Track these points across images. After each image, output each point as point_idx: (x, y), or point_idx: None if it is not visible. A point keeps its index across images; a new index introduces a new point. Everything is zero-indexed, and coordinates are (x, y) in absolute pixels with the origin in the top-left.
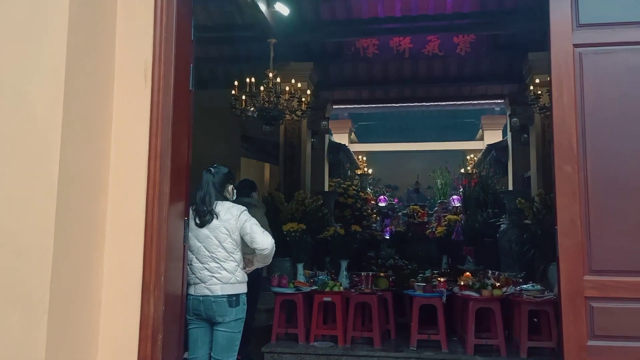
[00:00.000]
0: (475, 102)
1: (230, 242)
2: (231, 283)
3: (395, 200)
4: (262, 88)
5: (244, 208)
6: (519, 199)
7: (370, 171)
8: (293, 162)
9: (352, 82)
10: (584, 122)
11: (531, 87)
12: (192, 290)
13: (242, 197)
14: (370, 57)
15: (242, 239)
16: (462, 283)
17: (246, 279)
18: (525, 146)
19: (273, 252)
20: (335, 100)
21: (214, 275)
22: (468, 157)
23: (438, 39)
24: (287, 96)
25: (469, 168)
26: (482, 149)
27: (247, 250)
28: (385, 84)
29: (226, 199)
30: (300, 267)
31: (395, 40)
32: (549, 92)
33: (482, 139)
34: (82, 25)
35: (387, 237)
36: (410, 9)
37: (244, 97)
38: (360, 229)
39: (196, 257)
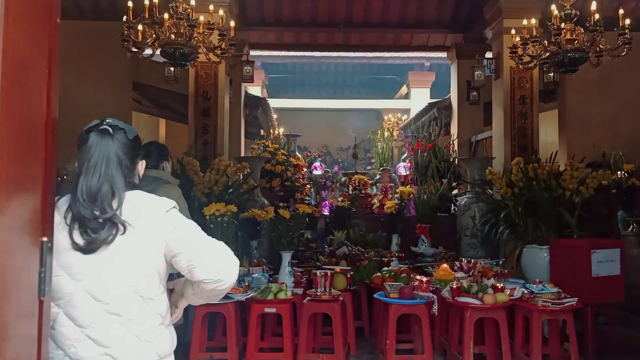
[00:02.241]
0: (414, 53)
1: (150, 276)
2: None
3: (336, 169)
4: (166, 16)
5: (172, 203)
6: (489, 168)
7: (281, 131)
8: (208, 118)
9: (273, 22)
10: None
11: (512, 32)
12: None
13: (148, 170)
14: None
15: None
16: (454, 285)
17: (175, 344)
18: (475, 105)
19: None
20: (252, 44)
21: (108, 351)
22: (385, 117)
23: None
24: (202, 29)
25: (386, 130)
26: (405, 109)
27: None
28: (314, 25)
29: (135, 188)
30: None
31: None
32: (534, 38)
33: (402, 98)
34: None
35: (327, 214)
36: None
37: (141, 27)
38: (310, 210)
39: (66, 314)
